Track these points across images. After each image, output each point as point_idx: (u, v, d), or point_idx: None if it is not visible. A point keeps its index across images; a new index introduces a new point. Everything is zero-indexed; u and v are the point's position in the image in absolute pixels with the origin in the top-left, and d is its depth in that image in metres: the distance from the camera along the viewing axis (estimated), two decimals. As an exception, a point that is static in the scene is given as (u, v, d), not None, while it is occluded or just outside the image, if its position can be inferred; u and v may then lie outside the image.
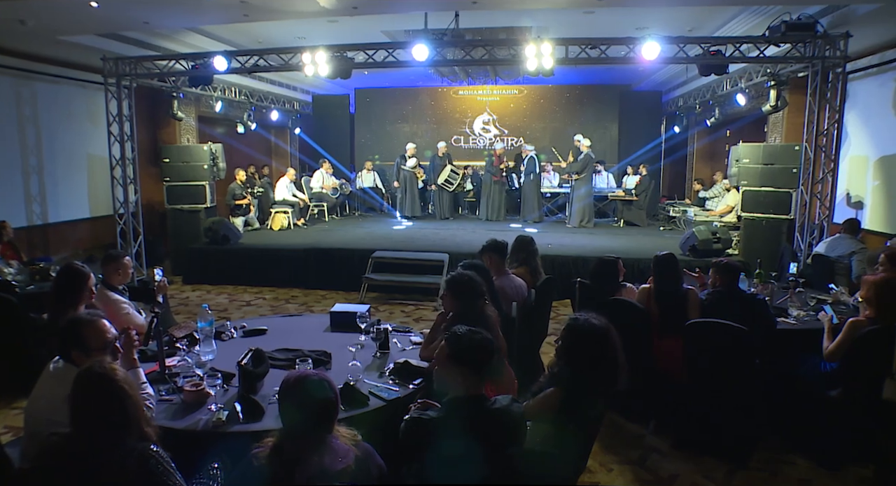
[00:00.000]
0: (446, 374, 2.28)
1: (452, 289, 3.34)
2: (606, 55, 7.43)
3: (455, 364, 2.24)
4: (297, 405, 2.01)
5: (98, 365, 2.02)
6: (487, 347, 2.29)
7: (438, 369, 2.34)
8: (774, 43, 7.11)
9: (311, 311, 7.44)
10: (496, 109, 15.17)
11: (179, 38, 9.27)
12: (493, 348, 2.31)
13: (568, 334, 2.61)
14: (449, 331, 2.38)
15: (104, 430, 1.92)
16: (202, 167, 9.22)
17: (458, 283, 3.34)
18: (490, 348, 2.30)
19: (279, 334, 3.84)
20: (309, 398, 1.99)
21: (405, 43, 7.54)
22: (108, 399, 1.94)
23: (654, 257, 4.37)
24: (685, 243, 8.47)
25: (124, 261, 4.05)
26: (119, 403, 1.94)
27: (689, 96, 12.86)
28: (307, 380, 2.03)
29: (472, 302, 3.32)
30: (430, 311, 7.46)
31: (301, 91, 14.98)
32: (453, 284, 3.35)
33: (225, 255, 8.93)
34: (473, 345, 2.27)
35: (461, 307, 3.31)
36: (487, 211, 12.48)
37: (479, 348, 2.27)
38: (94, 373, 1.99)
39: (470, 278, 3.37)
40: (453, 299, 3.34)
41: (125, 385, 2.00)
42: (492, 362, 2.31)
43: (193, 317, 6.99)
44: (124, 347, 2.65)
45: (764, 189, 8.24)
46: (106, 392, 1.95)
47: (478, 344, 2.27)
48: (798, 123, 9.55)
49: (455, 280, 3.36)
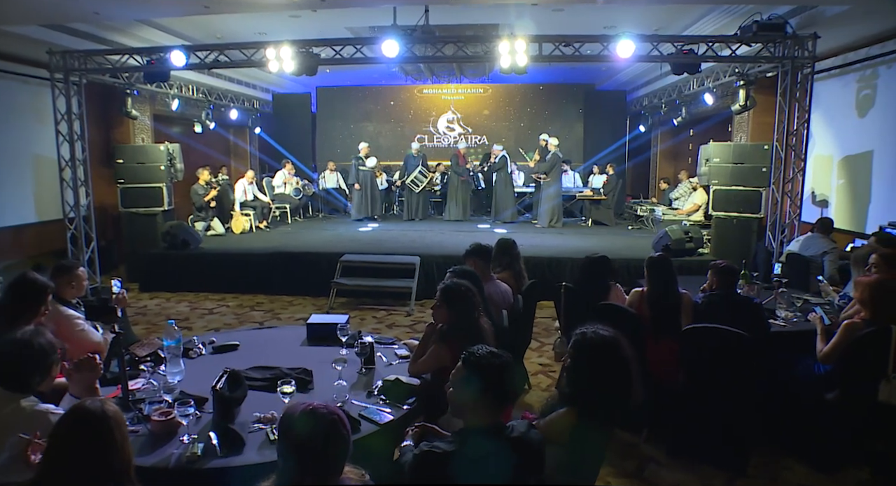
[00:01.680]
0: (464, 400, 2.05)
1: (447, 298, 3.12)
2: (580, 53, 7.31)
3: (474, 391, 2.02)
4: (303, 444, 1.71)
5: (91, 402, 1.74)
6: (511, 369, 2.09)
7: (455, 394, 2.11)
8: (746, 42, 7.11)
9: (278, 318, 7.11)
10: (460, 108, 15.02)
11: (132, 32, 8.78)
12: (515, 371, 2.11)
13: (577, 349, 2.42)
14: (465, 352, 2.15)
15: (87, 481, 1.64)
16: (159, 168, 8.76)
17: (454, 292, 3.13)
18: (514, 370, 2.09)
19: (253, 350, 3.55)
20: (318, 437, 1.70)
21: (374, 39, 7.28)
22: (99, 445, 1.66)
23: (648, 259, 4.23)
24: (658, 243, 8.43)
25: (78, 272, 3.69)
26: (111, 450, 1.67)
27: (653, 96, 12.92)
28: (315, 415, 1.74)
29: (468, 313, 3.11)
30: (402, 316, 7.22)
31: (261, 90, 14.51)
32: (448, 293, 3.13)
33: (184, 260, 8.49)
34: (496, 369, 2.05)
35: (455, 318, 3.10)
36: (455, 211, 12.30)
37: (502, 371, 2.05)
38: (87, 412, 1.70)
39: (466, 287, 3.15)
40: (448, 309, 3.12)
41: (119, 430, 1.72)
42: (514, 385, 2.10)
43: (152, 328, 6.62)
44: (83, 373, 2.35)
45: (734, 188, 8.28)
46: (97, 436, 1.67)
47: (501, 367, 2.06)
48: (764, 123, 9.68)
49: (450, 289, 3.14)
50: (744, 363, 3.58)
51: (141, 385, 2.92)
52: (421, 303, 7.70)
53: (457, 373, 2.12)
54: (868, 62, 7.77)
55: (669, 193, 12.31)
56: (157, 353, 3.30)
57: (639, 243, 9.59)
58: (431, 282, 8.02)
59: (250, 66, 7.78)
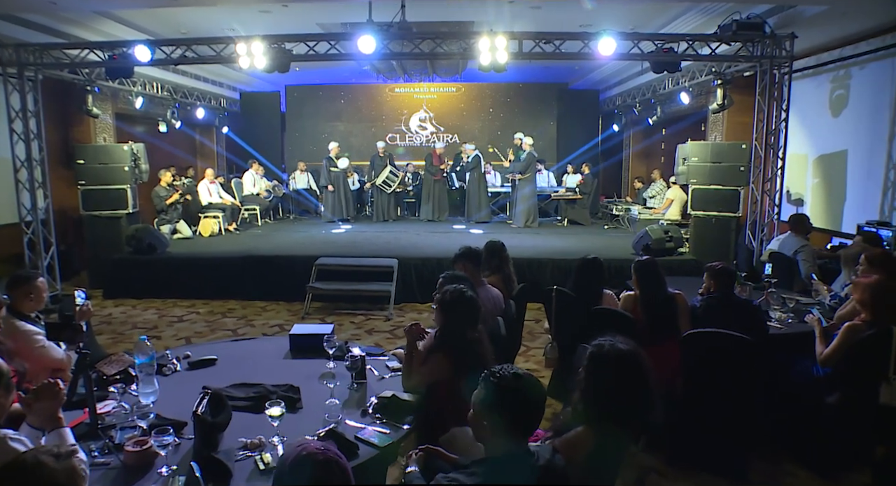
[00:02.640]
0: (488, 426, 1.86)
1: (444, 304, 2.93)
2: (560, 50, 7.19)
3: (499, 416, 1.84)
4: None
5: (33, 456, 1.49)
6: (541, 392, 1.91)
7: (478, 419, 1.92)
8: (726, 41, 7.08)
9: (251, 325, 6.81)
10: (433, 107, 14.82)
11: (92, 26, 8.36)
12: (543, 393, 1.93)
13: (594, 364, 2.26)
14: (485, 372, 1.96)
15: None
16: (122, 169, 8.35)
17: (453, 297, 2.92)
18: (543, 393, 1.92)
19: (232, 364, 3.30)
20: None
21: (349, 34, 7.03)
22: None
23: (636, 262, 4.12)
24: (638, 243, 8.38)
25: (36, 283, 3.39)
26: None
27: (627, 95, 12.93)
28: (312, 462, 1.52)
29: (467, 321, 2.92)
30: (381, 321, 7.00)
31: (228, 88, 14.07)
32: (446, 298, 2.93)
33: (151, 265, 8.11)
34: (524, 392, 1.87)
35: (453, 326, 2.91)
36: (429, 212, 12.12)
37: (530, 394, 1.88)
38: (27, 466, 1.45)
39: (467, 293, 2.96)
40: (444, 316, 2.94)
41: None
42: (543, 408, 1.92)
43: (118, 338, 6.26)
44: (44, 402, 2.09)
45: (712, 187, 8.27)
46: None
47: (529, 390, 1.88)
48: (739, 122, 9.73)
49: (448, 293, 2.94)
50: (745, 368, 3.48)
51: (111, 408, 2.65)
52: (399, 307, 7.49)
53: (479, 395, 1.93)
54: (841, 63, 7.84)
55: (643, 192, 12.32)
56: (127, 370, 3.03)
57: (617, 243, 9.54)
58: (409, 285, 7.83)
59: (219, 62, 7.47)
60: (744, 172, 8.00)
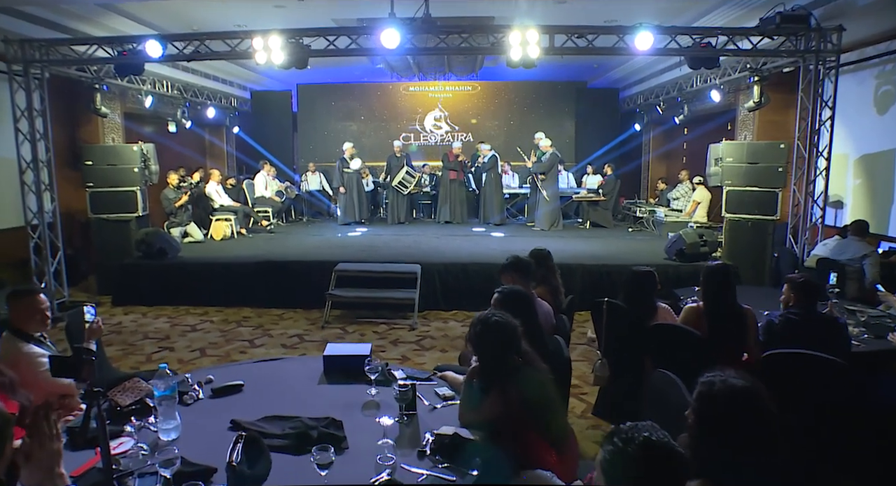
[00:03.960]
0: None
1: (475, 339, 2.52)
2: (593, 45, 6.80)
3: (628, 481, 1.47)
4: None
5: None
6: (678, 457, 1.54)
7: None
8: (768, 35, 6.68)
9: (269, 335, 6.45)
10: (448, 106, 14.45)
11: (98, 20, 8.03)
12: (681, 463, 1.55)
13: (707, 405, 1.88)
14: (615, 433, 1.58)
15: None
16: (132, 170, 8.01)
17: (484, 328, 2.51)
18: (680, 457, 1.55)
19: (260, 391, 2.93)
20: None
21: (371, 28, 6.66)
22: None
23: (706, 269, 3.73)
24: (671, 247, 7.98)
25: (38, 297, 3.03)
26: None
27: (649, 93, 12.54)
28: None
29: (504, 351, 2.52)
30: (406, 330, 6.62)
31: (238, 87, 13.75)
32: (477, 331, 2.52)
33: (162, 271, 7.77)
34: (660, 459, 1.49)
35: (488, 360, 2.51)
36: (447, 213, 11.75)
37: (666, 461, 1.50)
38: None
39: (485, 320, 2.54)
40: (477, 349, 2.54)
41: None
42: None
43: (129, 350, 5.90)
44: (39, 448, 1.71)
45: (748, 189, 7.87)
46: None
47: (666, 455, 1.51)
48: (771, 120, 9.33)
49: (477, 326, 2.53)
50: (835, 393, 3.10)
51: (128, 448, 2.28)
52: (423, 314, 7.12)
53: (603, 459, 1.55)
54: (888, 57, 7.42)
55: (668, 193, 11.92)
56: (143, 400, 2.67)
57: (645, 247, 9.15)
58: (433, 291, 7.46)
59: (235, 57, 7.13)
60: (782, 172, 7.60)
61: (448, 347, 6.04)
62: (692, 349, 3.59)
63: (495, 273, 7.44)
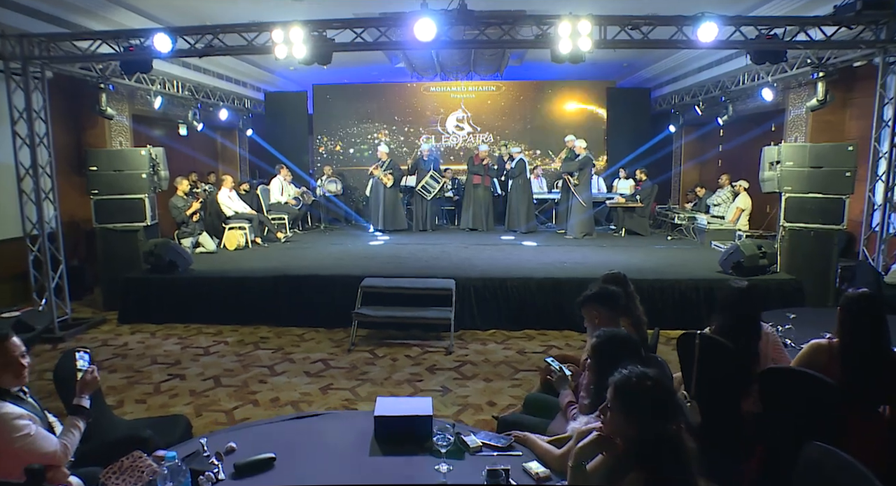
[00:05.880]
0: None
1: (625, 403, 1.88)
2: (648, 38, 6.13)
3: None
4: None
5: None
6: None
7: None
8: (846, 25, 5.98)
9: (290, 361, 5.79)
10: (471, 106, 13.82)
11: (103, 15, 7.44)
12: None
13: None
14: None
15: None
16: (140, 176, 7.40)
17: (632, 388, 1.88)
18: None
19: (296, 467, 2.27)
20: None
21: (403, 21, 6.01)
22: None
23: (848, 297, 2.99)
24: (727, 260, 7.27)
25: (8, 345, 2.38)
26: None
27: (686, 93, 11.83)
28: None
29: (662, 420, 1.88)
30: (442, 354, 5.95)
31: (252, 88, 13.15)
32: (624, 391, 1.89)
33: (172, 286, 7.14)
34: None
35: (642, 431, 1.86)
36: (469, 220, 11.10)
37: None
38: None
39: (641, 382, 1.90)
40: (628, 418, 1.89)
41: None
42: None
43: (134, 379, 5.23)
44: None
45: (811, 195, 7.16)
46: None
47: None
48: (826, 120, 8.61)
49: (623, 385, 1.89)
50: None
51: None
52: (458, 335, 6.46)
53: None
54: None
55: (707, 198, 11.19)
56: (145, 482, 2.03)
57: (692, 258, 8.42)
58: (468, 309, 6.80)
59: (252, 52, 6.51)
60: (849, 177, 6.89)
61: (492, 375, 5.36)
62: (818, 398, 2.91)
63: (535, 289, 6.96)
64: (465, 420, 4.43)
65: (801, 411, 2.98)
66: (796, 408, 3.01)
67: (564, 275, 7.10)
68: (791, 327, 4.15)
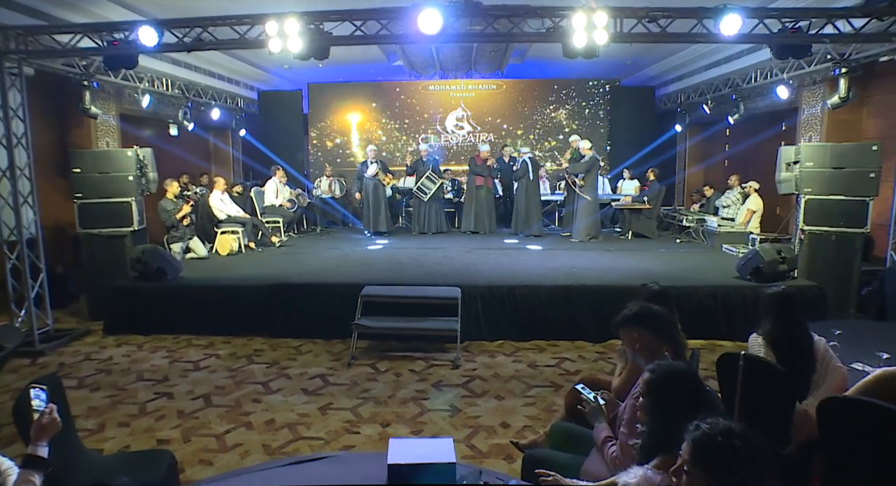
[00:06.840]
0: None
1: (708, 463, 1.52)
2: (666, 31, 5.77)
3: None
4: None
5: None
6: None
7: None
8: (878, 16, 5.64)
9: (286, 376, 5.40)
10: (471, 105, 13.45)
11: (86, 8, 7.01)
12: None
13: None
14: None
15: None
16: (126, 179, 7.00)
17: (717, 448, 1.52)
18: None
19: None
20: None
21: (405, 13, 5.63)
22: None
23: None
24: (745, 265, 6.93)
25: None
26: None
27: (692, 91, 11.50)
28: None
29: None
30: (448, 368, 5.58)
31: (244, 86, 12.73)
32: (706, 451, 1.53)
33: (160, 294, 6.74)
34: None
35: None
36: (471, 223, 10.73)
37: None
38: None
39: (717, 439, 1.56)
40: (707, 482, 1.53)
41: None
42: None
43: (118, 398, 4.80)
44: None
45: (833, 198, 6.84)
46: None
47: None
48: (842, 119, 8.29)
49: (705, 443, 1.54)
50: None
51: None
52: (465, 346, 6.09)
53: None
54: None
55: (715, 200, 10.86)
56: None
57: (704, 262, 8.08)
58: (474, 318, 6.42)
59: (244, 47, 6.12)
60: (874, 178, 6.59)
61: (503, 392, 4.99)
62: (890, 435, 2.56)
63: (545, 297, 6.59)
64: (477, 445, 4.06)
65: (866, 446, 2.64)
66: (859, 441, 2.66)
67: (575, 282, 6.73)
68: (836, 344, 3.78)
